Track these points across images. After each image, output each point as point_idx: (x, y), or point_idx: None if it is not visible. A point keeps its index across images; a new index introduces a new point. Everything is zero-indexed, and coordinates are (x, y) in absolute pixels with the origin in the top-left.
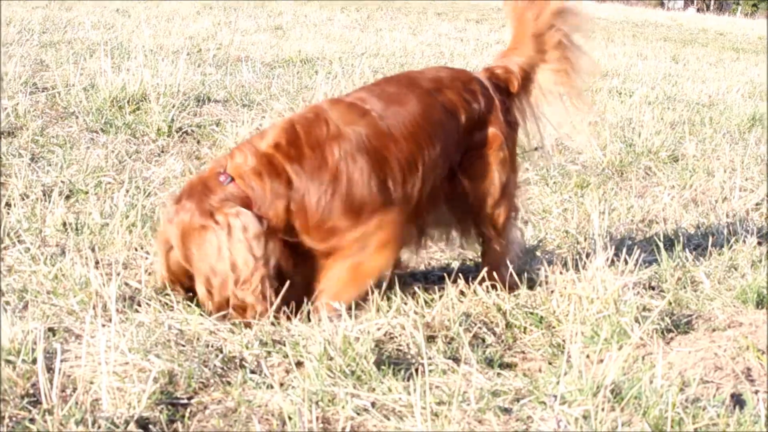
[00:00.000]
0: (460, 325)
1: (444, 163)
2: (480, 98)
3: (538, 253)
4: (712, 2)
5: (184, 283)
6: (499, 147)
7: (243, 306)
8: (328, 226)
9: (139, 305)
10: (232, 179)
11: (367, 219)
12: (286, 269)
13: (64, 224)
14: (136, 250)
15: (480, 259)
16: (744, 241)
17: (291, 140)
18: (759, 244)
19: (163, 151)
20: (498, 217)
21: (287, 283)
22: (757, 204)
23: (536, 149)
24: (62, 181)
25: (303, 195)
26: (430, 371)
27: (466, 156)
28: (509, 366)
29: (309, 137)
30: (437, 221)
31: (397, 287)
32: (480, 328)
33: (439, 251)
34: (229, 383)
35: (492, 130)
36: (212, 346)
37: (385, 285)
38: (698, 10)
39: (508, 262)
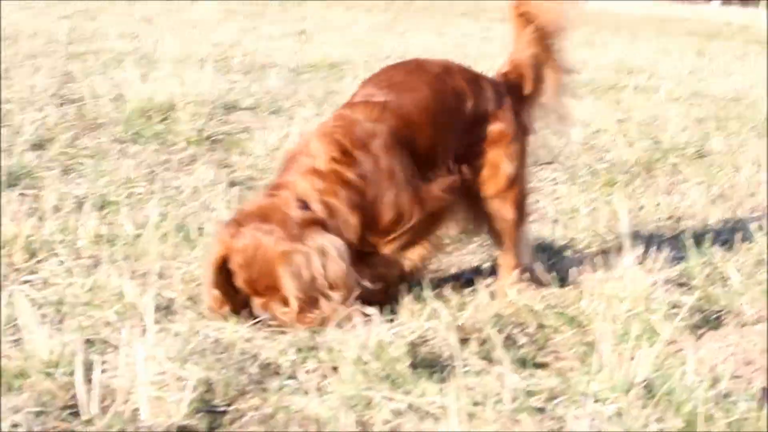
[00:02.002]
0: (493, 326)
1: (453, 149)
2: (489, 93)
3: (567, 253)
4: None
5: (234, 303)
6: (508, 143)
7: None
8: (403, 220)
9: (175, 315)
10: (306, 205)
11: (424, 204)
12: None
13: (98, 236)
14: (170, 259)
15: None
16: None
17: (342, 150)
18: None
19: (192, 160)
20: (506, 212)
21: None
22: None
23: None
24: (94, 193)
25: (375, 197)
26: (465, 373)
27: (473, 148)
28: (542, 366)
29: (353, 142)
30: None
31: (429, 291)
32: (512, 329)
33: (469, 254)
34: (266, 390)
35: (502, 125)
36: (248, 354)
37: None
38: (723, 2)
39: (528, 260)
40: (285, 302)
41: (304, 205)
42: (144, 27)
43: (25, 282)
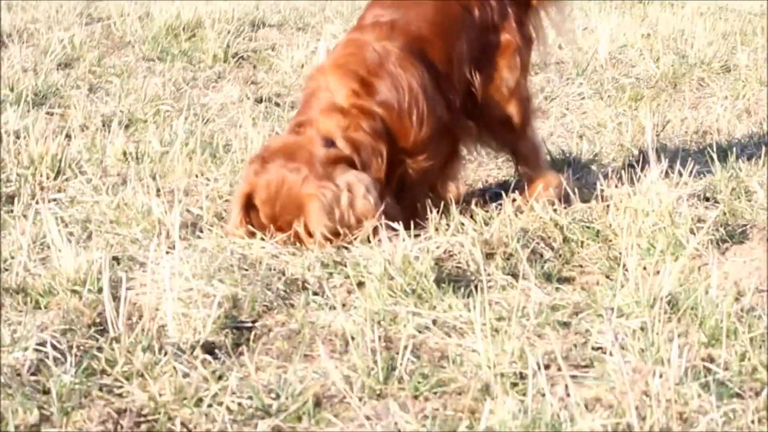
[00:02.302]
0: (518, 241)
1: (467, 59)
2: (493, 3)
3: (593, 167)
4: None
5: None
6: (512, 53)
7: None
8: (430, 136)
9: (201, 231)
10: (332, 143)
11: (442, 121)
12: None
13: (125, 153)
14: (196, 176)
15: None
16: None
17: (359, 80)
18: None
19: (219, 77)
20: (512, 119)
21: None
22: None
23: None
24: (121, 111)
25: (400, 119)
26: (490, 288)
27: (481, 57)
28: (567, 280)
29: (369, 69)
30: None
31: (454, 206)
32: (538, 243)
33: (496, 168)
34: (292, 305)
35: (506, 36)
36: (275, 270)
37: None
38: None
39: (542, 164)
40: (310, 235)
41: (329, 143)
42: None
43: (53, 200)
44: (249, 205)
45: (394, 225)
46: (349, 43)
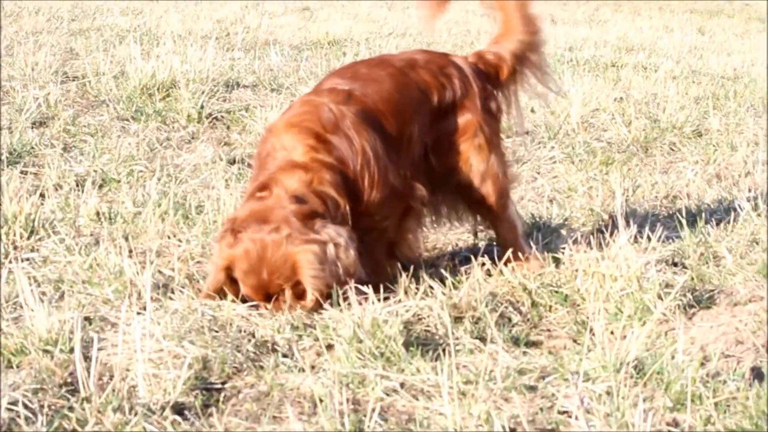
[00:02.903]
0: (487, 305)
1: (420, 141)
2: (456, 82)
3: (563, 232)
4: None
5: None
6: (474, 133)
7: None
8: (381, 200)
9: (173, 292)
10: (302, 199)
11: (394, 186)
12: None
13: (98, 213)
14: (168, 237)
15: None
16: (766, 216)
17: (316, 136)
18: None
19: (193, 138)
20: (486, 201)
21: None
22: None
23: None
24: (95, 171)
25: (354, 178)
26: (458, 351)
27: (440, 141)
28: (535, 344)
29: (325, 127)
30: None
31: (424, 269)
32: (506, 307)
33: (465, 232)
34: (261, 367)
35: (467, 116)
36: (245, 331)
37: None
38: None
39: (521, 242)
40: (300, 296)
41: (299, 200)
42: (147, 3)
43: (26, 260)
44: (229, 281)
45: (363, 288)
46: (304, 104)
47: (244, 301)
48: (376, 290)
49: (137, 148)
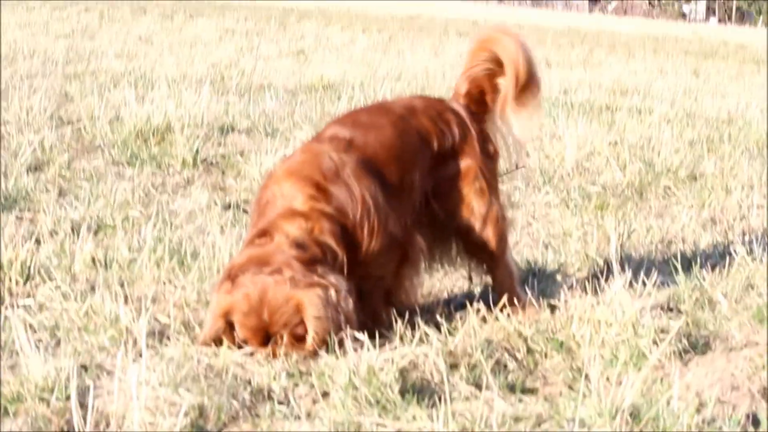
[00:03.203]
0: (482, 352)
1: (420, 187)
2: (454, 128)
3: (558, 277)
4: (734, 13)
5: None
6: (475, 177)
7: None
8: (380, 249)
9: (169, 339)
10: (303, 245)
11: (393, 235)
12: None
13: (93, 260)
14: (164, 284)
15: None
16: (761, 260)
17: (315, 185)
18: None
19: (188, 183)
20: (487, 245)
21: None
22: None
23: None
24: (90, 216)
25: (353, 228)
26: (453, 398)
27: (441, 186)
28: (531, 391)
29: (325, 176)
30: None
31: (420, 316)
32: (502, 354)
33: (461, 278)
34: (257, 415)
35: (467, 161)
36: (241, 379)
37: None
38: (720, 20)
39: (518, 288)
40: (300, 339)
41: (300, 246)
42: (142, 46)
43: (22, 306)
44: (228, 328)
45: (359, 335)
46: (305, 151)
47: (240, 347)
48: (372, 337)
49: (132, 193)
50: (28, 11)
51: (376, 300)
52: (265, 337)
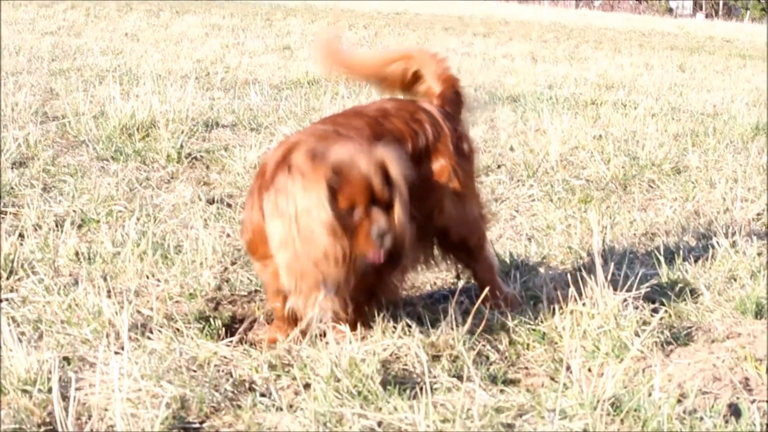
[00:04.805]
0: (464, 343)
1: None
2: (427, 128)
3: (541, 270)
4: (721, 8)
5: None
6: (448, 178)
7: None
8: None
9: (151, 332)
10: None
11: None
12: None
13: (77, 254)
14: (147, 277)
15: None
16: (744, 252)
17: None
18: (759, 254)
19: (172, 178)
20: (464, 244)
21: None
22: (758, 214)
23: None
24: (74, 211)
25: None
26: (435, 390)
27: (417, 187)
28: (512, 382)
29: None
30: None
31: (401, 308)
32: (484, 345)
33: (444, 271)
34: (239, 407)
35: (440, 161)
36: (223, 371)
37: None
38: (707, 16)
39: (499, 281)
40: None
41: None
42: (128, 43)
43: (5, 300)
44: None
45: (341, 327)
46: (283, 145)
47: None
48: (354, 328)
49: (116, 188)
50: (15, 8)
51: (360, 293)
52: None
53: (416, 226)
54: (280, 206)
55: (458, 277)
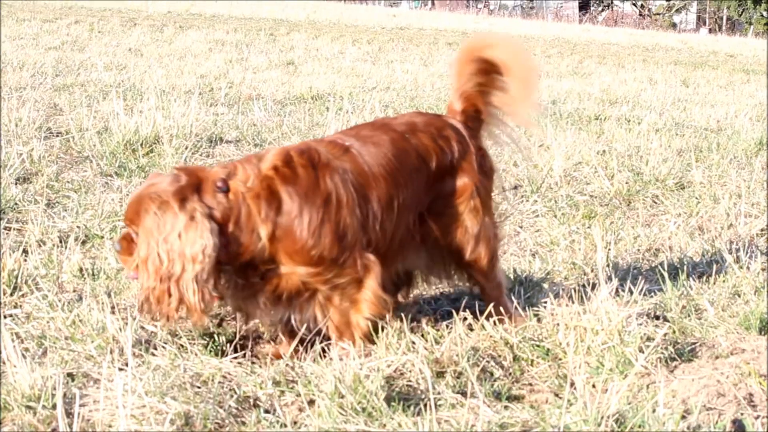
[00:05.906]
0: (468, 360)
1: (414, 206)
2: (454, 145)
3: (545, 286)
4: (724, 23)
5: None
6: (470, 195)
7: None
8: (315, 252)
9: (155, 348)
10: (227, 190)
11: (350, 251)
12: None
13: (81, 270)
14: None
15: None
16: (748, 268)
17: (286, 162)
18: (763, 270)
19: None
20: (478, 262)
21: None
22: (762, 230)
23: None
24: (78, 227)
25: (293, 217)
26: (439, 406)
27: (437, 203)
28: (517, 398)
29: (302, 161)
30: (415, 263)
31: (406, 324)
32: (488, 362)
33: (448, 286)
34: (243, 423)
35: (464, 179)
36: (227, 387)
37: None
38: (710, 31)
39: (506, 299)
40: None
41: (225, 188)
42: (132, 58)
43: (9, 316)
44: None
45: (345, 343)
46: (301, 144)
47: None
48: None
49: (120, 204)
50: (18, 23)
51: (343, 308)
52: None
53: (431, 242)
54: None
55: (471, 290)
